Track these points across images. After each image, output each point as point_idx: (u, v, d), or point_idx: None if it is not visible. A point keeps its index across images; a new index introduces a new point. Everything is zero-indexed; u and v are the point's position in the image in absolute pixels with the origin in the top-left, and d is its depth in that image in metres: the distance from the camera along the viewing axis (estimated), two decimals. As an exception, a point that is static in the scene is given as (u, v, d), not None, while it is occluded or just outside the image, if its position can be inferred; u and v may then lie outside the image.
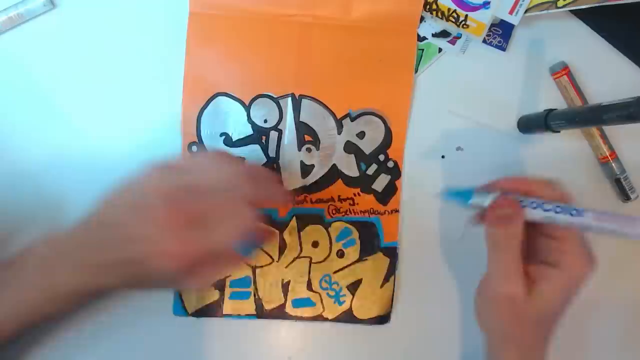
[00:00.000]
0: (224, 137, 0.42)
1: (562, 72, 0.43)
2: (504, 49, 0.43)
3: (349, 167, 0.43)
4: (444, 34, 0.43)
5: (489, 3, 0.41)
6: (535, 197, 0.34)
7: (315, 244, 0.43)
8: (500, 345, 0.36)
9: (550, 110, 0.41)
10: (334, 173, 0.43)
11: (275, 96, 0.42)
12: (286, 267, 0.43)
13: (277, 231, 0.42)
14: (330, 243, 0.43)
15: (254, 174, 0.35)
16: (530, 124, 0.43)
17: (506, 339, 0.35)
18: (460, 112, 0.43)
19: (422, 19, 0.42)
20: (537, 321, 0.34)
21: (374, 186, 0.43)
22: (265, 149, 0.42)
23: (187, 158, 0.39)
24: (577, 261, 0.33)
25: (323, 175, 0.43)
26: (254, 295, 0.43)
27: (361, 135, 0.43)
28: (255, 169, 0.40)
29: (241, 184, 0.33)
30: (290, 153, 0.43)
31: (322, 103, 0.42)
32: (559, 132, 0.40)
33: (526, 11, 0.41)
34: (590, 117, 0.36)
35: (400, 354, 0.45)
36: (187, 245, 0.31)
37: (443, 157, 0.44)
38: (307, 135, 0.43)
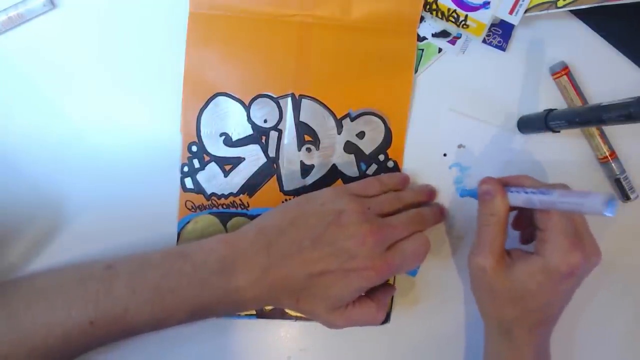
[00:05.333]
0: (223, 137, 0.42)
1: (562, 72, 0.43)
2: (503, 49, 0.43)
3: (349, 167, 0.43)
4: (444, 34, 0.43)
5: (489, 3, 0.41)
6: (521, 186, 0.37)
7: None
8: (482, 315, 0.40)
9: (550, 110, 0.41)
10: (334, 173, 0.43)
11: (275, 96, 0.42)
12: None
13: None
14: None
15: (417, 198, 0.41)
16: (530, 124, 0.43)
17: (483, 310, 0.40)
18: (460, 110, 0.43)
19: (422, 19, 0.42)
20: (510, 297, 0.37)
21: (374, 186, 0.43)
22: (265, 149, 0.42)
23: (368, 186, 0.40)
24: (554, 250, 0.35)
25: (323, 175, 0.43)
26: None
27: (361, 135, 0.43)
28: (419, 192, 0.43)
29: (417, 209, 0.39)
30: (290, 153, 0.43)
31: (322, 103, 0.42)
32: (559, 132, 0.40)
33: (526, 11, 0.41)
34: (590, 117, 0.36)
35: (400, 354, 0.45)
36: (387, 263, 0.35)
37: (445, 155, 0.44)
38: (307, 135, 0.43)
